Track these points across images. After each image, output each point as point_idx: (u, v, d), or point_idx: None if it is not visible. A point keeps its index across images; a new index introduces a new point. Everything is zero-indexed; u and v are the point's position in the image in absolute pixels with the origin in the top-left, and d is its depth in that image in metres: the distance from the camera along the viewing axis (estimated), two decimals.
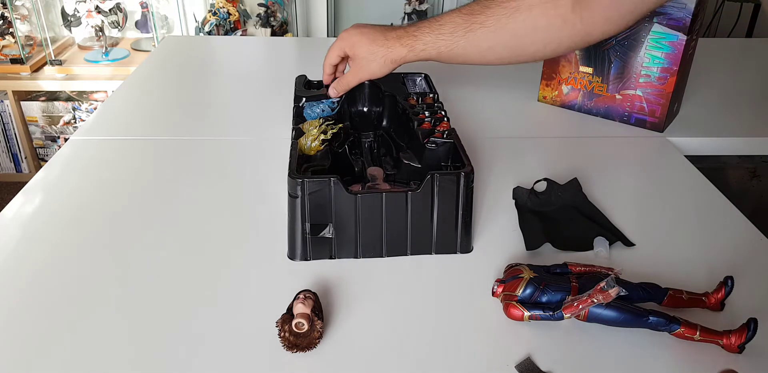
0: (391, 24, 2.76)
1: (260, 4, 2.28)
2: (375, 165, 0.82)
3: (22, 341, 0.59)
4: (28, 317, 0.62)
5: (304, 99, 0.85)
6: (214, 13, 2.22)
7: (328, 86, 0.88)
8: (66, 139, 1.84)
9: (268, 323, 0.59)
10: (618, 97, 1.03)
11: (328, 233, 0.68)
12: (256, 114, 1.08)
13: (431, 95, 0.87)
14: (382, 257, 0.70)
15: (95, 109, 2.21)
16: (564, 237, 0.73)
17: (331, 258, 0.70)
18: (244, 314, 0.62)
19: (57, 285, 0.66)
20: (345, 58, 0.86)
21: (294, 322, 0.56)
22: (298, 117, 0.83)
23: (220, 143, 0.97)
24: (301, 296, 0.59)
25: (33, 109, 2.30)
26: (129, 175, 0.88)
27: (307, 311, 0.57)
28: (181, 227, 0.76)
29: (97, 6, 2.24)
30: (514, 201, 0.81)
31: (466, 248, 0.72)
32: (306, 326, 0.56)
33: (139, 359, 0.57)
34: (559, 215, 0.79)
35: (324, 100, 0.85)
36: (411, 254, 0.71)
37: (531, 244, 0.72)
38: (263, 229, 0.75)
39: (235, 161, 0.92)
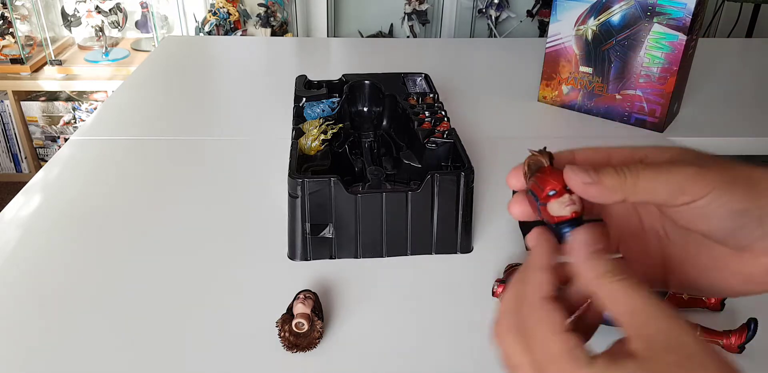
0: (391, 25, 2.73)
1: (260, 4, 2.28)
2: (375, 165, 0.82)
3: (21, 341, 0.59)
4: (28, 316, 0.62)
5: (304, 99, 0.85)
6: (214, 13, 2.22)
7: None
8: (66, 140, 1.84)
9: (268, 323, 0.59)
10: (618, 97, 1.03)
11: (328, 233, 0.68)
12: (256, 114, 1.08)
13: (431, 95, 0.87)
14: (382, 257, 0.70)
15: (95, 109, 2.21)
16: None
17: (331, 258, 0.70)
18: (244, 314, 0.62)
19: (57, 285, 0.66)
20: None
21: (294, 322, 0.56)
22: (299, 117, 0.83)
23: (220, 143, 0.97)
24: (301, 296, 0.59)
25: (33, 109, 2.30)
26: (129, 175, 0.88)
27: (307, 311, 0.57)
28: (181, 227, 0.76)
29: (97, 6, 2.24)
30: None
31: (466, 248, 0.72)
32: (306, 326, 0.56)
33: (139, 359, 0.57)
34: None
35: (324, 100, 0.85)
36: (411, 254, 0.71)
37: None
38: (263, 229, 0.75)
39: (235, 161, 0.92)
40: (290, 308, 0.59)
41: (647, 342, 0.28)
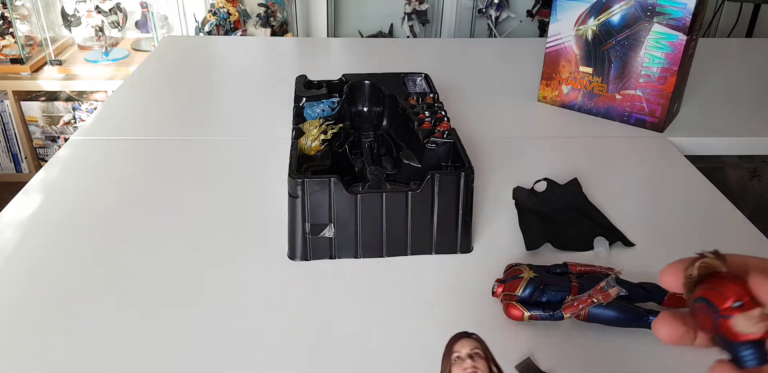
0: (391, 25, 2.72)
1: (260, 4, 2.28)
2: (375, 165, 0.82)
3: (21, 341, 0.59)
4: (28, 316, 0.62)
5: (304, 99, 0.85)
6: (214, 13, 2.22)
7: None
8: (66, 140, 1.84)
9: (267, 323, 0.59)
10: (618, 97, 1.03)
11: (328, 233, 0.68)
12: (256, 114, 1.08)
13: (431, 95, 0.87)
14: (382, 257, 0.70)
15: (95, 109, 2.21)
16: (564, 237, 0.73)
17: (331, 258, 0.70)
18: (243, 314, 0.62)
19: (57, 285, 0.66)
20: None
21: None
22: (299, 117, 0.83)
23: (220, 143, 0.97)
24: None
25: (33, 109, 2.30)
26: (129, 176, 0.88)
27: None
28: (181, 227, 0.76)
29: (97, 6, 2.24)
30: (514, 201, 0.81)
31: (466, 248, 0.72)
32: None
33: (139, 359, 0.57)
34: (559, 215, 0.79)
35: (324, 100, 0.85)
36: (411, 254, 0.71)
37: (531, 244, 0.72)
38: (263, 229, 0.75)
39: (235, 161, 0.92)
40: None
41: None
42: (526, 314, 0.59)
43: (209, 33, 2.21)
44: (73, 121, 2.32)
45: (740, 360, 0.28)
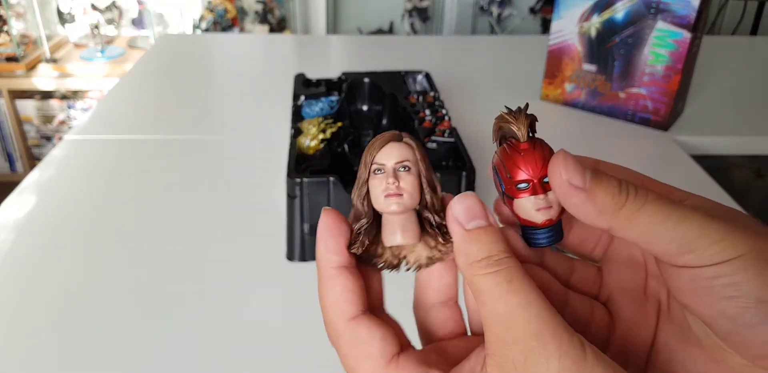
0: (391, 22, 2.72)
1: (258, 1, 2.26)
2: None
3: (17, 342, 0.57)
4: (23, 317, 0.60)
5: (302, 97, 0.83)
6: (211, 10, 2.20)
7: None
8: (61, 138, 1.82)
9: (265, 324, 0.57)
10: (622, 95, 1.01)
11: None
12: (254, 113, 1.06)
13: (432, 93, 0.85)
14: None
15: (90, 108, 2.19)
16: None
17: None
18: (241, 314, 0.61)
19: (52, 286, 0.64)
20: None
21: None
22: (297, 115, 0.81)
23: (217, 142, 0.96)
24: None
25: (28, 108, 2.28)
26: (124, 175, 0.86)
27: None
28: (178, 227, 0.74)
29: (93, 4, 2.23)
30: None
31: None
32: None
33: (137, 360, 0.55)
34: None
35: (323, 99, 0.84)
36: None
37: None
38: (261, 229, 0.73)
39: (232, 160, 0.90)
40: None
41: (500, 367, 0.21)
42: None
43: (206, 30, 2.19)
44: (68, 119, 2.31)
45: (526, 238, 0.25)
